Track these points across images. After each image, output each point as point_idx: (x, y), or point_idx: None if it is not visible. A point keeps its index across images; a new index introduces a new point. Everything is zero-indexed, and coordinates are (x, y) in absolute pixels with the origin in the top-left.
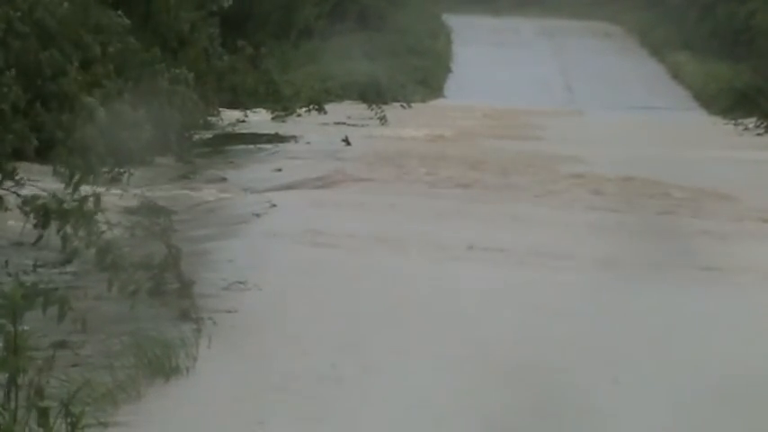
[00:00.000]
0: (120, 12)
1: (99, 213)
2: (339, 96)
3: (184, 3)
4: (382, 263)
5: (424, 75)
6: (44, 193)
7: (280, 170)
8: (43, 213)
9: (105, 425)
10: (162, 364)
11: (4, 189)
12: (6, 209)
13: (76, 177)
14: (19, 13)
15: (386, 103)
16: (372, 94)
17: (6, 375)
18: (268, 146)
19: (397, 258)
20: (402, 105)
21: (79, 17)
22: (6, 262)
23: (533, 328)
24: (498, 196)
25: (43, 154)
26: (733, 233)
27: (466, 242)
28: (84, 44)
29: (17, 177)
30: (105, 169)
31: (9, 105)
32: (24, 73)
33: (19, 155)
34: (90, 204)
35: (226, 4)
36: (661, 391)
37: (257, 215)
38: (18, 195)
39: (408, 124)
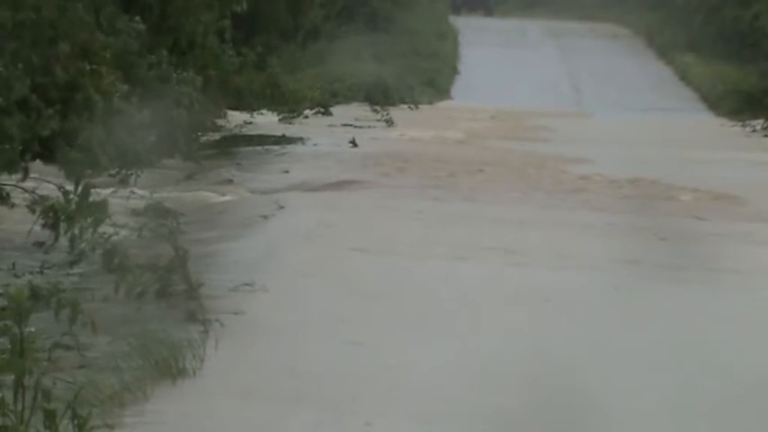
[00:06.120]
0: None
1: (106, 214)
2: (346, 98)
3: (200, 6)
4: (391, 264)
5: (432, 76)
6: (53, 194)
7: (287, 172)
8: (53, 215)
9: (112, 427)
10: (169, 366)
11: (15, 186)
12: (12, 205)
13: (82, 174)
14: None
15: (393, 104)
16: (379, 96)
17: (13, 377)
18: (275, 148)
19: (406, 260)
20: (409, 107)
21: (90, 19)
22: (14, 264)
23: (547, 326)
24: (506, 198)
25: (52, 154)
26: (740, 235)
27: (474, 244)
28: (92, 45)
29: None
30: (113, 171)
31: (15, 105)
32: (32, 73)
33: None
34: (95, 200)
35: (239, 8)
36: (672, 390)
37: (265, 217)
38: (27, 191)
39: (416, 126)
